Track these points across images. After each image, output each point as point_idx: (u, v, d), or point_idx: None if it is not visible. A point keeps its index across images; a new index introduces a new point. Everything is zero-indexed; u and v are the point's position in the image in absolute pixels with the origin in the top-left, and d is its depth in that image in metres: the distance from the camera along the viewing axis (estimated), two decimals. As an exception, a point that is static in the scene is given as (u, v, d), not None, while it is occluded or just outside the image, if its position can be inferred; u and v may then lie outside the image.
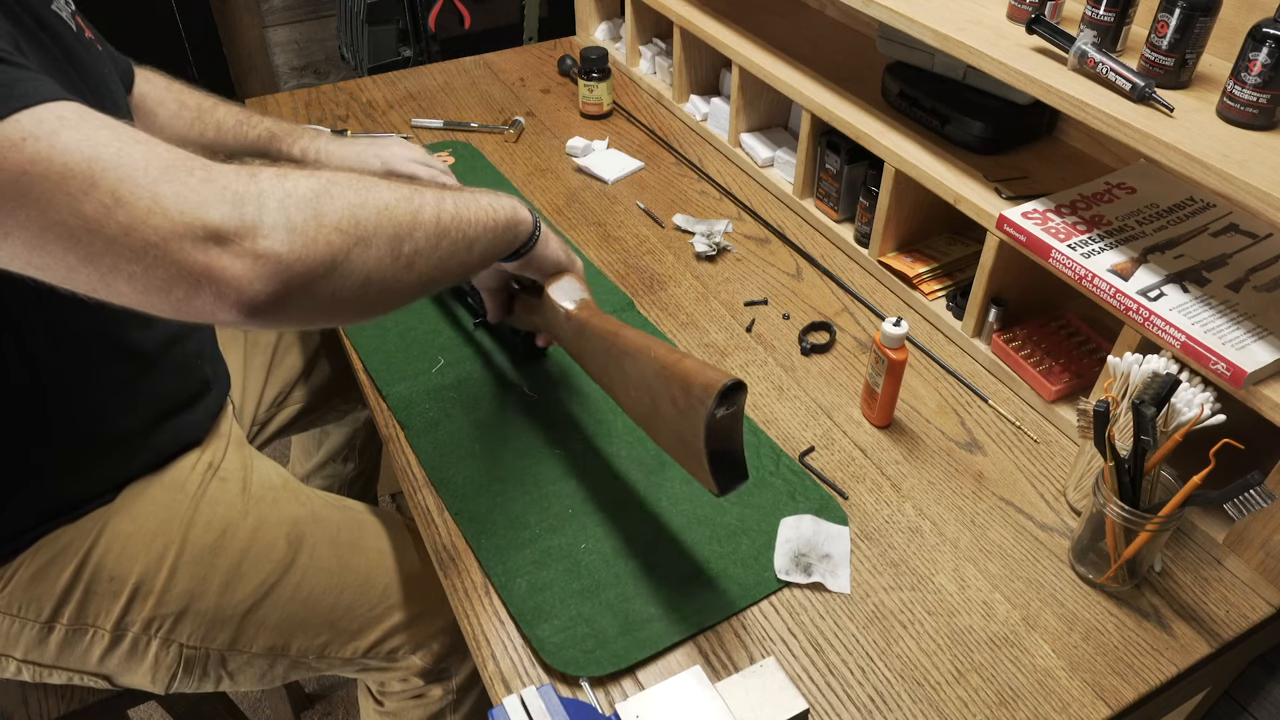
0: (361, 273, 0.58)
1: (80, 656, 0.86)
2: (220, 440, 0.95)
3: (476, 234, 0.70)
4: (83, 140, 0.51)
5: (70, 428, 0.82)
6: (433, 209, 0.65)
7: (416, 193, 0.65)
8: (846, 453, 0.91)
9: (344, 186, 0.59)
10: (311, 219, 0.55)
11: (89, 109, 0.54)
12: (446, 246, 0.66)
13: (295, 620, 0.90)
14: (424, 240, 0.63)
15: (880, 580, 0.78)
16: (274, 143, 1.06)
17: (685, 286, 1.13)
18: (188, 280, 0.52)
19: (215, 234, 0.51)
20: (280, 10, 2.24)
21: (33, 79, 0.53)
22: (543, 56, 1.74)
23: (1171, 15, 0.78)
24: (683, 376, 0.66)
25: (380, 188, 0.62)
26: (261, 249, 0.52)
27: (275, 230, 0.53)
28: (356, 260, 0.58)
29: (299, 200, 0.55)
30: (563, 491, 0.85)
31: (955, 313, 1.06)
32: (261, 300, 0.53)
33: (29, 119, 0.51)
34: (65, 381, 0.79)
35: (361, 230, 0.58)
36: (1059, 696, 0.70)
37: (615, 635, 0.73)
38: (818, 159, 1.22)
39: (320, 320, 0.60)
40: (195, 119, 1.04)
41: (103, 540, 0.84)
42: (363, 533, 0.96)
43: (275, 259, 0.53)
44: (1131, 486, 0.72)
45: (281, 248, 0.53)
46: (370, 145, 1.05)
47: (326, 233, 0.56)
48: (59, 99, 0.53)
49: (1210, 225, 0.91)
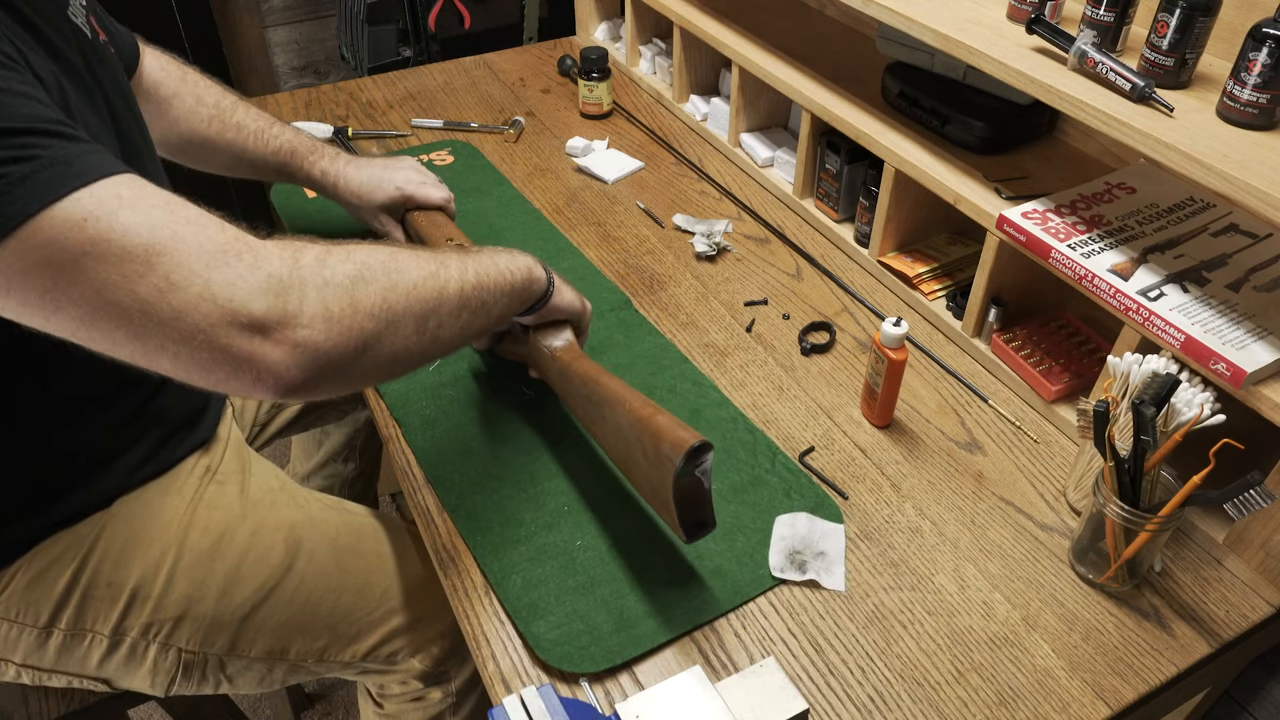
0: (390, 352, 0.63)
1: (79, 661, 0.86)
2: (219, 444, 0.95)
3: (495, 298, 0.74)
4: (141, 222, 0.53)
5: (77, 446, 0.81)
6: (457, 282, 0.69)
7: (442, 266, 0.69)
8: (846, 453, 0.90)
9: (377, 270, 0.62)
10: (348, 307, 0.59)
11: (142, 181, 0.56)
12: (467, 316, 0.71)
13: (294, 624, 0.90)
14: (448, 314, 0.68)
15: (880, 580, 0.78)
16: (294, 159, 1.06)
17: (685, 286, 1.13)
18: (230, 364, 0.55)
19: (259, 324, 0.55)
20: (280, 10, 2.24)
21: (90, 152, 0.55)
22: (543, 56, 1.74)
23: (1171, 15, 0.78)
24: (654, 432, 0.70)
25: (409, 266, 0.66)
26: (300, 338, 0.56)
27: (315, 321, 0.57)
28: (386, 342, 0.62)
29: (336, 288, 0.59)
30: (558, 489, 0.86)
31: (955, 313, 1.06)
32: (297, 384, 0.57)
33: (89, 198, 0.53)
34: (74, 404, 0.79)
35: (392, 314, 0.62)
36: (1059, 696, 0.70)
37: (610, 632, 0.73)
38: (818, 159, 1.22)
39: (346, 391, 0.64)
40: (214, 117, 1.03)
41: (100, 545, 0.83)
42: (361, 536, 0.96)
43: (314, 348, 0.57)
44: (1131, 486, 0.72)
45: (319, 337, 0.57)
46: (385, 169, 1.06)
47: (360, 319, 0.60)
48: (115, 173, 0.55)
49: (1210, 225, 0.91)
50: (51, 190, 0.52)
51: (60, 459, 0.81)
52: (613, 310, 1.07)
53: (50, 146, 0.54)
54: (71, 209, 0.52)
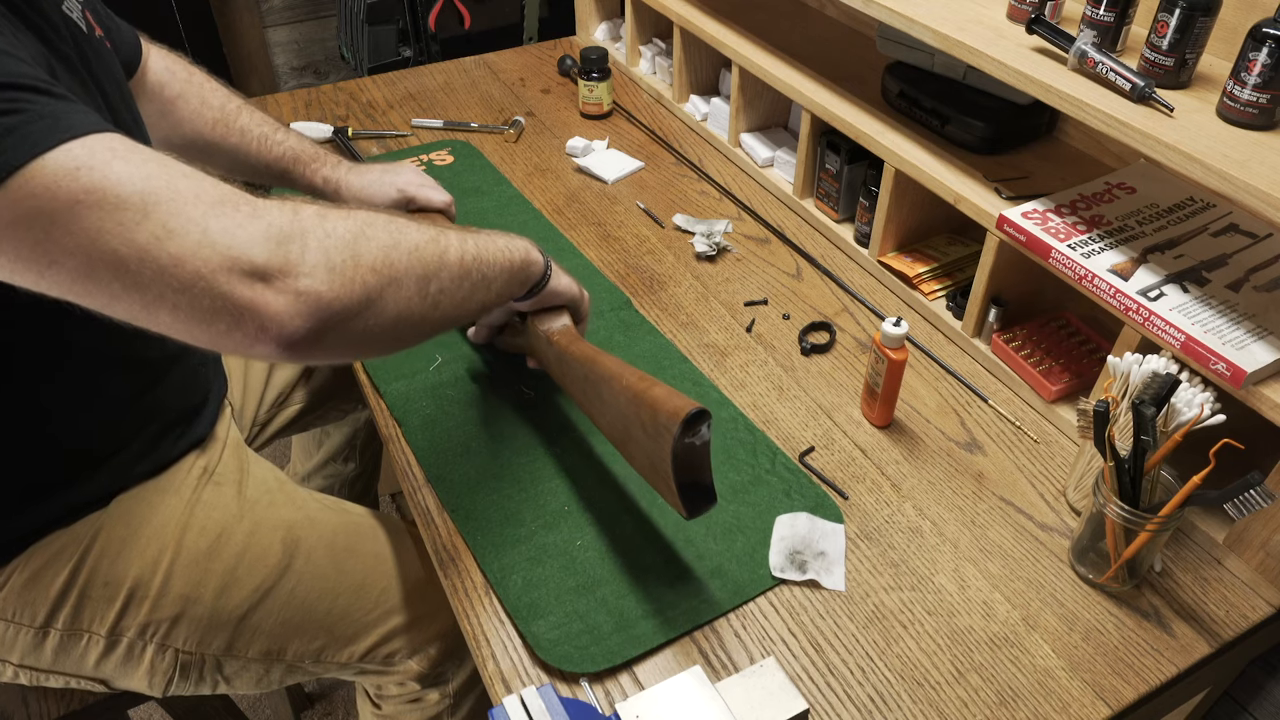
0: (393, 311, 0.62)
1: (76, 661, 0.86)
2: (217, 444, 0.95)
3: (495, 274, 0.74)
4: (135, 173, 0.52)
5: (74, 442, 0.81)
6: (457, 250, 0.69)
7: (442, 234, 0.68)
8: (846, 453, 0.90)
9: (378, 228, 0.62)
10: (350, 259, 0.58)
11: (133, 141, 0.55)
12: (468, 286, 0.70)
13: (291, 625, 0.90)
14: (449, 280, 0.67)
15: (880, 580, 0.78)
16: (296, 165, 1.05)
17: (685, 286, 1.13)
18: (231, 313, 0.53)
19: (261, 271, 0.54)
20: (280, 10, 2.24)
21: (78, 110, 0.54)
22: (543, 56, 1.74)
23: (1171, 15, 0.78)
24: (651, 403, 0.69)
25: (410, 229, 0.65)
26: (303, 287, 0.55)
27: (317, 269, 0.56)
28: (389, 299, 0.61)
29: (338, 241, 0.58)
30: (558, 488, 0.85)
31: (955, 313, 1.06)
32: (300, 336, 0.55)
33: (81, 149, 0.52)
34: (71, 395, 0.79)
35: (394, 271, 0.61)
36: (1059, 696, 0.70)
37: (610, 632, 0.73)
38: (818, 159, 1.22)
39: (351, 355, 0.63)
40: (218, 120, 1.02)
41: (97, 545, 0.83)
42: (359, 536, 0.96)
43: (316, 297, 0.55)
44: (1131, 486, 0.72)
45: (322, 286, 0.56)
46: (385, 173, 1.06)
47: (363, 273, 0.58)
48: (105, 130, 0.54)
49: (1210, 225, 0.91)
50: (42, 141, 0.51)
51: (56, 454, 0.81)
52: (613, 310, 1.07)
53: (37, 102, 0.53)
54: (63, 159, 0.51)
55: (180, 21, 2.12)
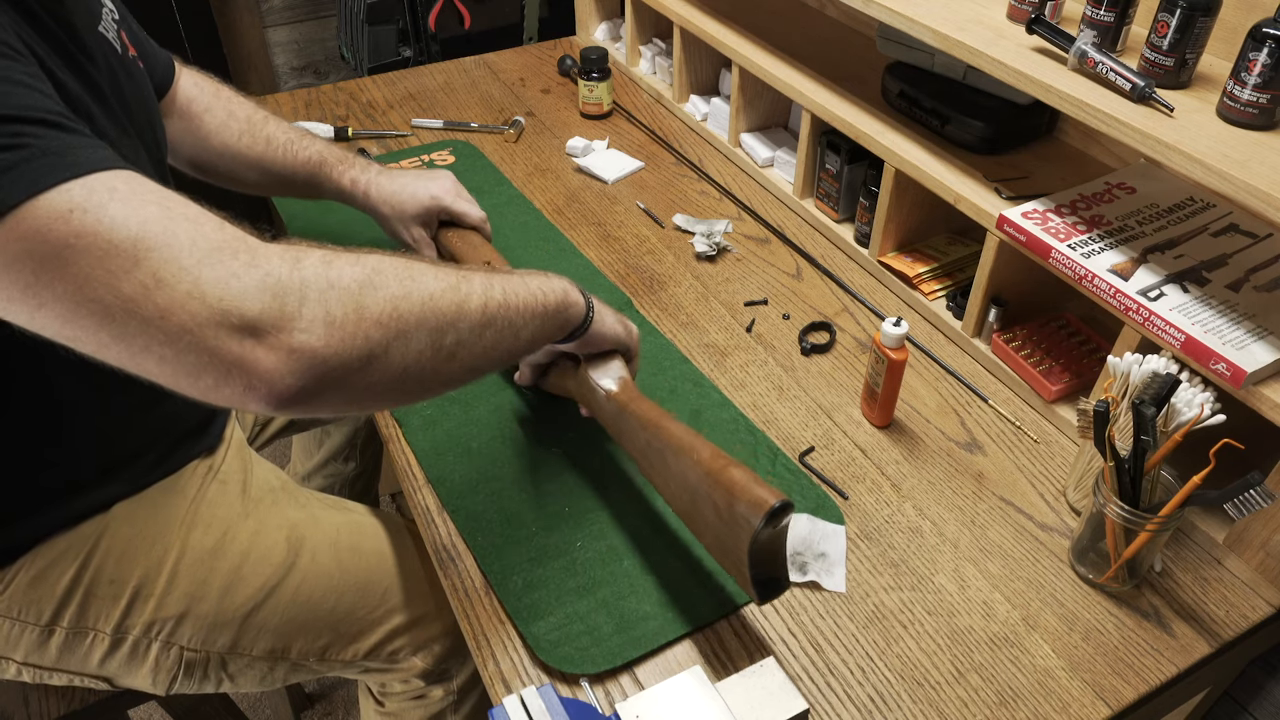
0: (399, 366, 0.58)
1: (80, 659, 0.86)
2: (220, 444, 0.95)
3: (524, 320, 0.69)
4: (130, 215, 0.50)
5: (84, 453, 0.81)
6: (480, 297, 0.64)
7: (464, 280, 0.64)
8: (846, 453, 0.90)
9: (389, 276, 0.58)
10: (353, 312, 0.55)
11: (141, 178, 0.53)
12: (491, 336, 0.65)
13: (295, 623, 0.90)
14: (468, 331, 0.63)
15: (880, 580, 0.78)
16: (323, 168, 1.04)
17: (685, 286, 1.13)
18: (218, 368, 0.51)
19: (252, 325, 0.51)
20: (280, 10, 2.24)
21: (87, 146, 0.53)
22: (543, 56, 1.74)
23: (1171, 15, 0.78)
24: (728, 487, 0.65)
25: (426, 276, 0.61)
26: (297, 343, 0.52)
27: (314, 324, 0.53)
28: (395, 354, 0.57)
29: (342, 291, 0.55)
30: (559, 490, 0.85)
31: (955, 313, 1.06)
32: (292, 393, 0.53)
33: (79, 189, 0.50)
34: (81, 408, 0.79)
35: (403, 323, 0.58)
36: (1059, 696, 0.70)
37: (610, 633, 0.73)
38: (818, 159, 1.22)
39: (354, 409, 0.60)
40: (244, 130, 1.02)
41: (102, 544, 0.83)
42: (362, 535, 0.96)
43: (310, 353, 0.53)
44: (1131, 486, 0.72)
45: (318, 342, 0.53)
46: (418, 178, 1.04)
47: (366, 327, 0.55)
48: (112, 168, 0.52)
49: (1210, 225, 0.91)
50: (39, 180, 0.49)
51: (70, 464, 0.81)
52: (613, 310, 1.07)
53: (44, 136, 0.51)
54: (58, 200, 0.49)
55: (180, 21, 2.11)
